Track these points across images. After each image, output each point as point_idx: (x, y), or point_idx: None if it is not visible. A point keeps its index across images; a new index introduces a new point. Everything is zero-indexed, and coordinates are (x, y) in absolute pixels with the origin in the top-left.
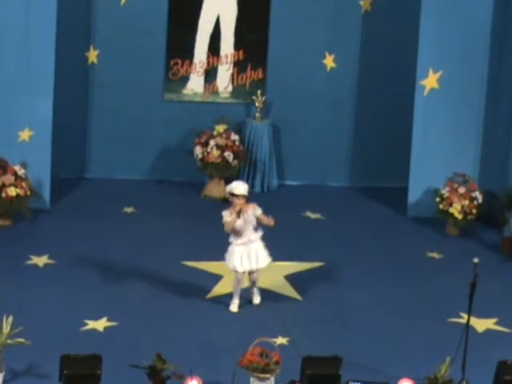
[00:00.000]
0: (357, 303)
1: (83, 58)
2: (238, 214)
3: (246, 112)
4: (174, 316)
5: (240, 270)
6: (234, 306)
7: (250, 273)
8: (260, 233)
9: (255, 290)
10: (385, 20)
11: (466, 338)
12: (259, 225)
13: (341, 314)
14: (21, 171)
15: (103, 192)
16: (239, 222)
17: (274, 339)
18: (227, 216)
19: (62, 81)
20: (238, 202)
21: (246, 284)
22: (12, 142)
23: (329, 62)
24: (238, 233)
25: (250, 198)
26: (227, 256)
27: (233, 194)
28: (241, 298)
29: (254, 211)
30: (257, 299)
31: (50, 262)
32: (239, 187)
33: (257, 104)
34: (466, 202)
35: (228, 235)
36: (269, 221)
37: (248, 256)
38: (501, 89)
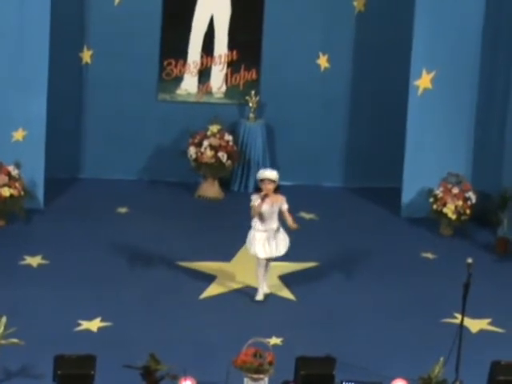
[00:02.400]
0: (350, 303)
1: (77, 58)
2: (263, 198)
3: (240, 112)
4: (168, 316)
5: (263, 255)
6: (260, 295)
7: (270, 260)
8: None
9: (264, 286)
10: (378, 20)
11: (459, 339)
12: (279, 218)
13: (334, 314)
14: (14, 171)
15: (97, 192)
16: (266, 207)
17: (268, 339)
18: (254, 200)
19: (56, 81)
20: (265, 187)
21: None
22: (5, 142)
23: (322, 62)
24: (262, 218)
25: (279, 189)
26: (248, 241)
27: (260, 180)
28: (239, 297)
29: (281, 203)
30: (266, 289)
31: (43, 262)
32: (266, 172)
33: (250, 104)
34: (460, 203)
35: (251, 219)
36: (292, 223)
37: (270, 243)
38: (494, 89)
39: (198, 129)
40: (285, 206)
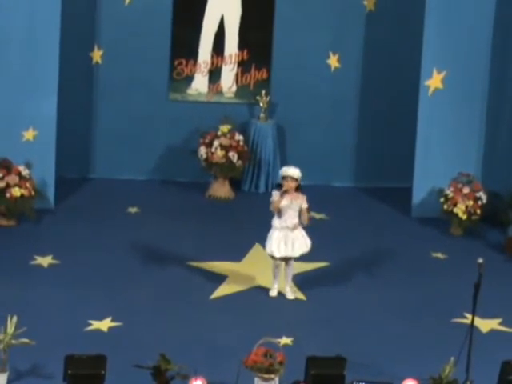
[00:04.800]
0: (361, 303)
1: (87, 58)
2: (282, 194)
3: (250, 112)
4: (179, 316)
5: (277, 255)
6: (274, 291)
7: (287, 259)
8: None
9: (288, 286)
10: (389, 20)
11: (470, 339)
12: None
13: (345, 314)
14: (25, 171)
15: (107, 192)
16: (285, 202)
17: (279, 339)
18: (274, 195)
19: (67, 81)
20: (286, 184)
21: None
22: (16, 141)
23: (333, 61)
24: (280, 214)
25: (300, 188)
26: (267, 240)
27: (283, 177)
28: (250, 297)
29: (301, 202)
30: (290, 295)
31: (54, 262)
32: (289, 170)
33: (261, 104)
34: (471, 202)
35: (272, 214)
36: (304, 220)
37: (285, 242)
38: (505, 89)
39: (208, 129)
40: (305, 205)
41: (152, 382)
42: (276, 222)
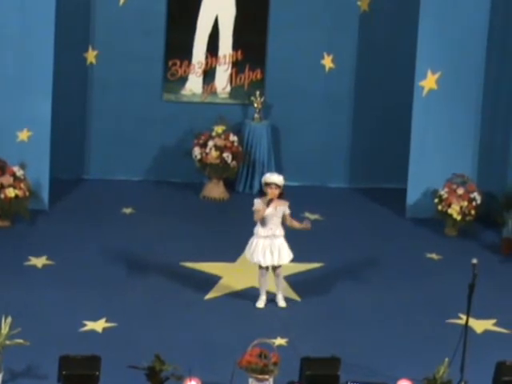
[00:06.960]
0: (355, 304)
1: (82, 59)
2: (268, 203)
3: (245, 113)
4: (173, 317)
5: (263, 264)
6: (261, 302)
7: (275, 268)
8: (283, 231)
9: (280, 293)
10: (383, 20)
11: (464, 339)
12: (283, 224)
13: (339, 314)
14: (19, 172)
15: (102, 193)
16: (269, 211)
17: (273, 340)
18: (258, 204)
19: (61, 81)
20: (271, 192)
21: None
22: (10, 142)
23: (327, 62)
24: (264, 222)
25: (284, 194)
26: (248, 248)
27: (266, 184)
28: (244, 298)
29: (284, 208)
30: (282, 303)
31: (48, 262)
32: (272, 176)
33: (255, 105)
34: (465, 203)
35: (254, 224)
36: (302, 225)
37: (271, 250)
38: (499, 89)
39: (202, 129)
40: (287, 211)
41: (146, 383)
42: (260, 230)
